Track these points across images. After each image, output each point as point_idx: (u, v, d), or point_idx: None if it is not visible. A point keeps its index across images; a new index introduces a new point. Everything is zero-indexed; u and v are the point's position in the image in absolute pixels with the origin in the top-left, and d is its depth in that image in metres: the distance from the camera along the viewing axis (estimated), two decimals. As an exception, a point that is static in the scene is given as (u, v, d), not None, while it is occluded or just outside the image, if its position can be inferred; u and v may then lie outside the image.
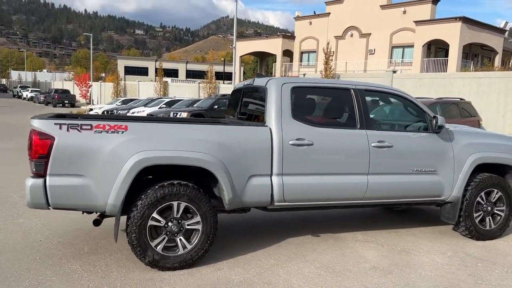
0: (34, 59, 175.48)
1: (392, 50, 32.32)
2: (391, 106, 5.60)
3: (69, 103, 43.30)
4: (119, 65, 78.36)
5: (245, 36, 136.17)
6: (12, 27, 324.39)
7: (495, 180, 5.37)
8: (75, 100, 44.28)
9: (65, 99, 43.60)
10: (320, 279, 4.06)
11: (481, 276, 4.29)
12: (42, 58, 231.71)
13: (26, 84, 70.67)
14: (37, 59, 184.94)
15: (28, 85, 68.99)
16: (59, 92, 44.97)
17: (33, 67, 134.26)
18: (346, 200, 4.84)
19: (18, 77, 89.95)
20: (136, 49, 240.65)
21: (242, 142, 4.33)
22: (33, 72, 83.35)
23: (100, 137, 3.86)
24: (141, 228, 3.95)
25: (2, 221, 5.48)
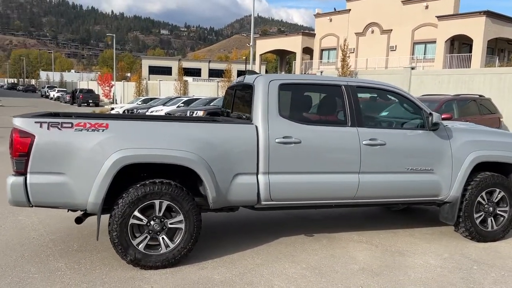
0: (63, 60, 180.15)
1: (414, 46, 31.61)
2: (386, 103, 5.42)
3: (93, 103, 44.17)
4: (143, 65, 79.52)
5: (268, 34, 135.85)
6: (42, 29, 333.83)
7: (497, 179, 5.14)
8: (99, 100, 45.15)
9: (90, 99, 44.50)
10: (303, 280, 3.97)
11: (474, 279, 4.11)
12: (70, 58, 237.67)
13: (53, 85, 72.52)
14: (66, 60, 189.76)
15: (56, 85, 70.76)
16: (84, 92, 45.94)
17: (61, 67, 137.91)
18: (337, 199, 4.72)
19: (46, 78, 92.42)
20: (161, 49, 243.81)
21: (227, 141, 4.27)
22: (60, 73, 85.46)
23: (81, 135, 3.87)
24: (122, 227, 3.94)
25: (2, 218, 5.59)
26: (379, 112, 5.53)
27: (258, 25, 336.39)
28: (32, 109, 32.98)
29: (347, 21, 35.91)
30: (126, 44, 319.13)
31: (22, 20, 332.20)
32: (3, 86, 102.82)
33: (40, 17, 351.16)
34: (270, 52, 46.00)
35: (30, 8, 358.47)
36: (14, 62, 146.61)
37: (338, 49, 36.71)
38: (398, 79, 19.03)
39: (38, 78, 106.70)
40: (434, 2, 30.15)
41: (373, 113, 5.35)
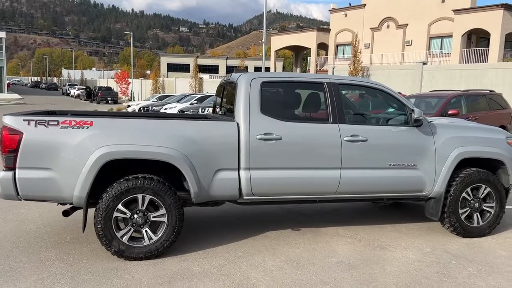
0: (84, 58, 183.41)
1: (430, 41, 31.15)
2: (370, 100, 5.48)
3: (111, 100, 44.96)
4: (162, 62, 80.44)
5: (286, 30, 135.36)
6: (65, 28, 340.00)
7: (483, 175, 5.15)
8: (117, 97, 45.91)
9: (108, 96, 45.30)
10: (279, 272, 4.10)
11: (449, 273, 4.17)
12: (92, 57, 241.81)
13: (74, 83, 74.01)
14: (87, 58, 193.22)
15: (76, 83, 72.20)
16: (103, 90, 46.80)
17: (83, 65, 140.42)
18: (318, 194, 4.82)
19: (68, 76, 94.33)
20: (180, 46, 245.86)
21: (208, 137, 4.42)
22: (81, 71, 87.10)
23: (66, 132, 4.07)
24: (107, 219, 4.14)
25: (4, 211, 5.87)
26: (363, 109, 5.58)
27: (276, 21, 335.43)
28: (51, 107, 33.78)
29: (362, 16, 35.59)
30: (146, 42, 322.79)
31: (46, 19, 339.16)
32: (27, 84, 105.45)
33: (63, 16, 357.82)
34: (285, 48, 45.94)
35: (53, 7, 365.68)
36: (38, 60, 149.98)
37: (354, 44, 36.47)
38: (409, 74, 18.87)
39: (60, 76, 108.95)
40: (451, -5, 29.62)
41: (356, 110, 5.42)
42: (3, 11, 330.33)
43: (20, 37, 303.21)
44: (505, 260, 4.54)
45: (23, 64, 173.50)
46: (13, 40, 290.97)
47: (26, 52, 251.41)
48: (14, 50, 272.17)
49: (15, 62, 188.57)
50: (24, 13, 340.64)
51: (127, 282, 3.82)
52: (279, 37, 44.19)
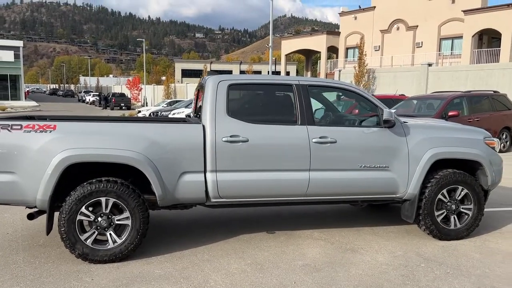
0: (102, 65, 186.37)
1: (441, 42, 30.70)
2: (343, 101, 5.40)
3: (125, 106, 45.55)
4: (177, 68, 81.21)
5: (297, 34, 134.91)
6: (83, 36, 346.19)
7: (459, 176, 5.04)
8: (130, 103, 46.49)
9: (121, 102, 45.91)
10: (241, 275, 4.07)
11: (414, 276, 4.08)
12: (109, 64, 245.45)
13: (90, 89, 75.20)
14: (105, 65, 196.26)
15: (92, 90, 73.34)
16: (116, 96, 47.42)
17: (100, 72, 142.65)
18: (287, 196, 4.78)
19: (84, 83, 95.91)
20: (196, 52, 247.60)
21: (173, 140, 4.43)
22: (97, 78, 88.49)
23: (30, 136, 4.13)
24: (70, 223, 4.17)
25: (-13, 216, 5.97)
26: (336, 110, 5.51)
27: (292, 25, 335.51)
28: (65, 113, 34.37)
29: (372, 19, 35.32)
30: (162, 48, 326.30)
31: (65, 28, 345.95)
32: (45, 91, 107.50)
33: (82, 25, 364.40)
34: (296, 52, 45.89)
35: (72, 16, 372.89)
36: (56, 68, 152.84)
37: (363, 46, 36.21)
38: (415, 76, 18.60)
39: (78, 83, 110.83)
40: (461, -5, 29.19)
41: (327, 111, 5.37)
42: (24, 21, 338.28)
43: (40, 46, 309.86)
44: (477, 263, 4.42)
45: (43, 72, 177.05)
46: (34, 49, 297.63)
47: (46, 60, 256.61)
48: (34, 59, 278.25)
49: (35, 70, 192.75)
50: (44, 22, 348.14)
51: (85, 284, 3.84)
52: (289, 41, 44.16)
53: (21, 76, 58.06)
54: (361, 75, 22.13)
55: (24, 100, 57.27)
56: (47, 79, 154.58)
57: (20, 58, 57.70)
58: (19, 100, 55.94)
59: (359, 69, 21.72)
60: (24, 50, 59.01)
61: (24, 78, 64.72)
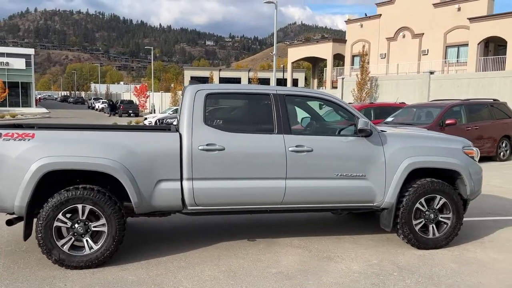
0: (113, 73, 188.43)
1: (447, 49, 30.59)
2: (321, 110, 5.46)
3: (133, 113, 46.04)
4: (186, 76, 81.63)
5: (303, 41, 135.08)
6: (95, 44, 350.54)
7: (437, 185, 5.05)
8: (138, 110, 46.95)
9: (129, 109, 46.46)
10: (212, 282, 4.13)
11: (384, 285, 4.10)
12: (121, 71, 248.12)
13: (100, 96, 76.07)
14: (116, 73, 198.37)
15: (102, 97, 74.16)
16: (124, 103, 47.97)
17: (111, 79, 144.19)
18: (264, 204, 4.83)
19: (94, 90, 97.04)
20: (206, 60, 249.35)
21: (149, 148, 4.52)
22: (107, 85, 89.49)
23: (8, 144, 4.24)
24: (47, 229, 4.26)
25: (-23, 221, 6.09)
26: (314, 119, 5.55)
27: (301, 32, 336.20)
28: (73, 120, 34.82)
29: (378, 26, 35.34)
30: (173, 55, 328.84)
31: (77, 36, 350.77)
32: (56, 98, 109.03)
33: (94, 33, 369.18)
34: (302, 60, 46.04)
35: (84, 24, 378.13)
36: (68, 75, 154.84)
37: (370, 54, 36.22)
38: (417, 84, 18.55)
39: (88, 90, 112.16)
40: (467, 3, 29.10)
41: (311, 120, 5.42)
42: (38, 29, 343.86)
43: (53, 53, 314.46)
44: (450, 273, 4.42)
45: (55, 79, 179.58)
46: (46, 57, 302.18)
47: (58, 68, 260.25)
48: (47, 66, 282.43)
49: (47, 78, 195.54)
50: (57, 30, 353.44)
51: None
52: (295, 49, 44.32)
53: (32, 84, 59.01)
54: (363, 82, 22.11)
55: (34, 107, 58.18)
56: (59, 86, 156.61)
57: (31, 66, 58.74)
58: (30, 107, 56.87)
59: (362, 77, 21.74)
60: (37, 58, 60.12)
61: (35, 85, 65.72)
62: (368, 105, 15.50)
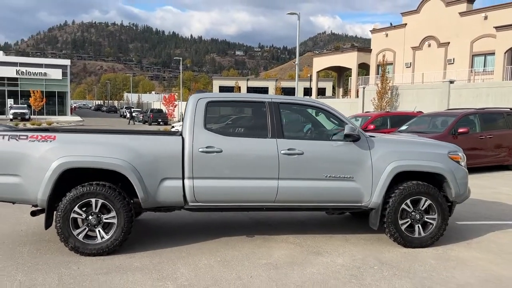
0: (145, 82, 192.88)
1: (473, 58, 30.26)
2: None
3: (162, 121, 47.32)
4: (214, 85, 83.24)
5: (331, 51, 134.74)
6: (129, 54, 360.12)
7: (422, 188, 5.38)
8: (167, 119, 48.21)
9: (159, 118, 47.76)
10: (206, 269, 4.61)
11: (362, 276, 4.48)
12: (152, 81, 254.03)
13: (131, 105, 78.34)
14: (148, 82, 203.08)
15: (133, 106, 76.35)
16: (154, 112, 49.38)
17: (144, 89, 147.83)
18: (258, 202, 5.29)
19: (126, 99, 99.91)
20: (235, 70, 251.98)
21: (155, 150, 5.07)
22: (138, 94, 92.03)
23: (33, 145, 4.89)
24: (65, 219, 4.87)
25: (8, 216, 6.80)
26: (305, 125, 5.98)
27: (331, 41, 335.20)
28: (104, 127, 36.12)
29: (403, 36, 35.31)
30: (203, 65, 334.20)
31: (112, 47, 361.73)
32: (91, 107, 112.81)
33: (128, 44, 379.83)
34: (327, 69, 46.30)
35: (119, 35, 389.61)
36: (102, 85, 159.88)
37: (395, 64, 36.18)
38: (437, 93, 18.57)
39: (121, 99, 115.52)
40: (494, 12, 28.79)
41: (297, 126, 5.86)
42: (75, 41, 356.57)
43: (89, 64, 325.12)
44: (428, 268, 4.75)
45: (90, 89, 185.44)
46: (83, 67, 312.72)
47: (93, 78, 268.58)
48: (83, 76, 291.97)
49: (83, 87, 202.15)
50: (93, 42, 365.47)
51: (71, 272, 4.50)
52: (320, 58, 44.66)
53: (67, 93, 61.46)
54: (383, 92, 22.25)
55: (70, 115, 60.57)
56: (94, 96, 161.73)
57: (67, 76, 61.24)
58: (65, 115, 59.27)
59: (382, 86, 21.91)
60: (73, 68, 62.86)
61: (71, 94, 68.37)
62: (385, 114, 15.72)
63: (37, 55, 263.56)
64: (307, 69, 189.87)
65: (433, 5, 33.31)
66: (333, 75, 76.18)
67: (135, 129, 7.08)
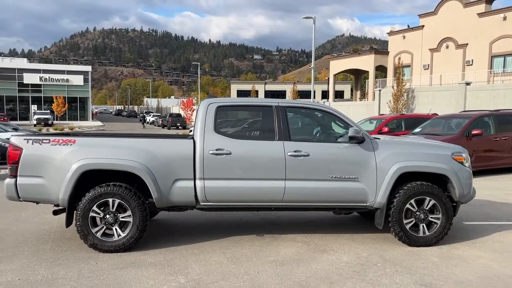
0: (165, 87, 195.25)
1: (492, 59, 29.89)
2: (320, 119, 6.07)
3: (181, 126, 48.00)
4: (232, 89, 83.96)
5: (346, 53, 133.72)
6: (148, 60, 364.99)
7: (426, 188, 5.53)
8: (186, 123, 48.87)
9: (178, 122, 48.47)
10: (215, 265, 4.87)
11: (364, 272, 4.67)
12: (172, 86, 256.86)
13: (151, 110, 79.55)
14: (168, 87, 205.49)
15: (153, 110, 77.50)
16: (173, 116, 50.13)
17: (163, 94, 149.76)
18: (266, 202, 5.53)
19: (146, 104, 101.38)
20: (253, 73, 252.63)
21: (168, 152, 5.37)
22: (157, 99, 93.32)
23: (55, 149, 5.24)
24: (84, 218, 5.19)
25: (32, 216, 7.20)
26: (312, 128, 6.18)
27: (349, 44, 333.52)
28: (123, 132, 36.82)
29: (421, 37, 35.09)
30: (221, 70, 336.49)
31: (132, 52, 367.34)
32: (111, 112, 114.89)
33: (147, 49, 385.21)
34: (344, 72, 46.30)
35: (139, 41, 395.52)
36: (122, 90, 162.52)
37: (413, 66, 35.96)
38: (453, 95, 18.47)
39: (141, 104, 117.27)
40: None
41: (303, 129, 6.08)
42: (96, 47, 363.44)
43: (109, 70, 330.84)
44: (429, 265, 4.90)
45: (110, 94, 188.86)
46: (103, 73, 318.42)
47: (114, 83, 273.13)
48: (104, 82, 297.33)
49: (103, 93, 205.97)
50: (114, 48, 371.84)
51: (90, 267, 4.81)
52: (337, 61, 44.67)
53: (89, 99, 62.84)
54: (399, 94, 22.21)
55: (91, 120, 61.87)
56: (114, 101, 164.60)
57: (88, 82, 62.65)
58: (86, 120, 60.59)
59: (398, 89, 21.87)
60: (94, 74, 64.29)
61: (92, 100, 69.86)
62: (399, 117, 15.76)
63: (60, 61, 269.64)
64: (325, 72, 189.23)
65: (450, 7, 33.05)
66: (351, 77, 76.05)
67: (150, 133, 7.40)
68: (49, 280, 4.43)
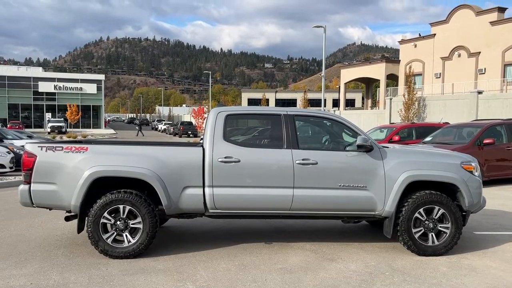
0: (177, 96, 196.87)
1: (505, 68, 29.66)
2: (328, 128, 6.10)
3: (192, 134, 48.27)
4: (243, 98, 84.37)
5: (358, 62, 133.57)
6: (161, 69, 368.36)
7: (435, 197, 5.51)
8: (197, 131, 49.12)
9: (189, 130, 48.77)
10: (224, 272, 4.91)
11: (372, 281, 4.66)
12: (183, 94, 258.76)
13: (163, 118, 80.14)
14: (179, 96, 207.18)
15: (164, 119, 78.07)
16: (184, 124, 50.47)
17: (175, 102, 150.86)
18: (274, 210, 5.56)
19: (158, 112, 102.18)
20: (264, 82, 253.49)
21: (177, 160, 5.44)
22: (169, 107, 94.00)
23: (68, 156, 5.35)
24: (95, 224, 5.28)
25: (45, 222, 7.32)
26: (320, 136, 6.22)
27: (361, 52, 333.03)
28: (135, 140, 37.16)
29: (432, 46, 34.97)
30: (233, 78, 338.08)
31: (145, 61, 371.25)
32: (124, 120, 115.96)
33: (160, 58, 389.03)
34: (355, 81, 46.27)
35: (151, 50, 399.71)
36: (135, 99, 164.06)
37: (424, 74, 35.81)
38: (466, 104, 18.35)
39: (153, 112, 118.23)
40: (526, 20, 28.21)
41: (311, 137, 6.11)
42: (110, 56, 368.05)
43: (122, 78, 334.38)
44: (438, 275, 4.88)
45: (123, 103, 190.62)
46: (116, 81, 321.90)
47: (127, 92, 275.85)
48: (117, 90, 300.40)
49: (116, 101, 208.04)
50: (127, 57, 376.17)
51: (100, 272, 4.88)
52: (348, 69, 44.68)
53: (101, 107, 63.59)
54: (410, 103, 22.11)
55: (103, 128, 62.54)
56: (127, 109, 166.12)
57: (101, 90, 63.44)
58: (99, 128, 61.28)
59: (409, 97, 21.79)
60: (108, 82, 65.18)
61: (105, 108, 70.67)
62: (410, 125, 15.69)
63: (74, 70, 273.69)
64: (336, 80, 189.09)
65: (462, 15, 32.94)
66: (362, 86, 75.99)
67: (160, 141, 7.51)
68: (60, 285, 4.51)
